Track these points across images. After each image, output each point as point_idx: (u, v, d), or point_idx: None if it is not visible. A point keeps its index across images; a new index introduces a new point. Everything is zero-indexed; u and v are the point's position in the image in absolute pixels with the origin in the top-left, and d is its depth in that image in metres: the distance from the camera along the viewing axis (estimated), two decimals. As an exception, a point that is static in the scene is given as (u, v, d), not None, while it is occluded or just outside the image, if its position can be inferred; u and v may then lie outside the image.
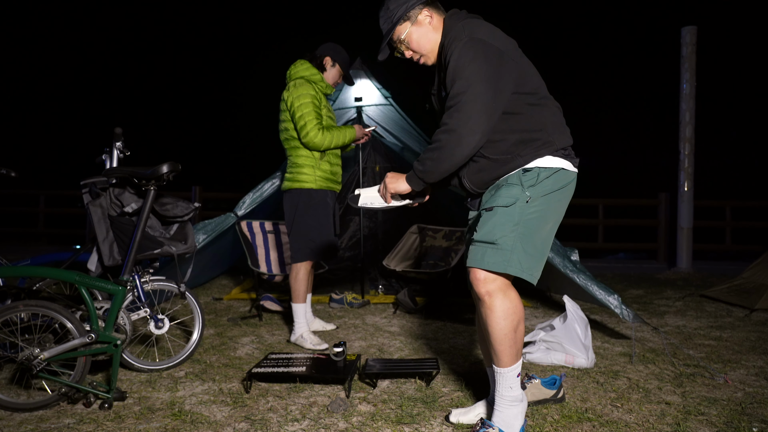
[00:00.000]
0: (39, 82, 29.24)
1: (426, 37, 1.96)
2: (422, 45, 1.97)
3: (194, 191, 8.77)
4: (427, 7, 1.96)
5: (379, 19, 1.99)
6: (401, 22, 1.95)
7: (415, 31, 1.96)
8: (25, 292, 2.80)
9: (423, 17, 1.95)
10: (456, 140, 1.78)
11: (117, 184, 2.62)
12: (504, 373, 1.88)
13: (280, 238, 4.64)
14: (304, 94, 3.16)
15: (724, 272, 6.56)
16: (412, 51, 2.00)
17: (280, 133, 3.36)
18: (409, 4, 1.94)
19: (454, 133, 1.78)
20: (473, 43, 1.79)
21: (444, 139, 1.80)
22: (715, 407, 2.28)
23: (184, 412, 2.22)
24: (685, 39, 6.93)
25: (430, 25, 1.96)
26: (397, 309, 4.27)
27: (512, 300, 1.83)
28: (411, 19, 1.95)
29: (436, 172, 1.87)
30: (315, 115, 3.16)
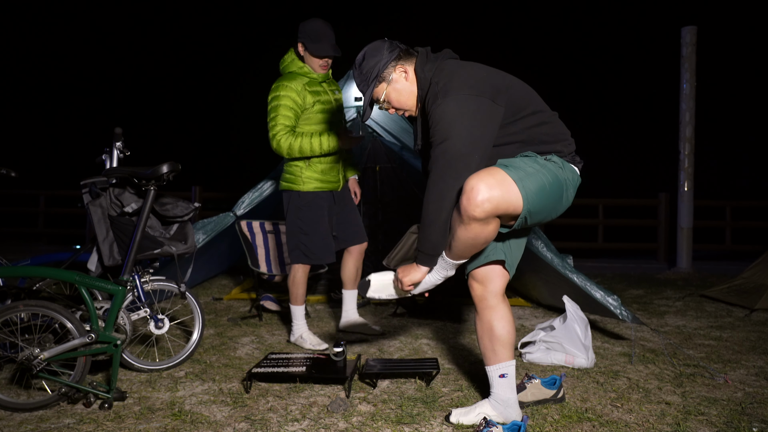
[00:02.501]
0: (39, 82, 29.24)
1: (405, 93, 1.97)
2: (403, 102, 1.98)
3: (194, 191, 8.77)
4: (400, 63, 1.95)
5: (355, 80, 2.00)
6: (377, 84, 1.96)
7: (392, 90, 1.97)
8: (25, 292, 2.80)
9: (397, 75, 1.95)
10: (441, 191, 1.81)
11: (117, 184, 2.63)
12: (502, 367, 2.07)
13: (280, 238, 4.64)
14: (282, 95, 3.04)
15: (724, 272, 6.56)
16: (395, 108, 2.02)
17: None
18: (380, 65, 1.92)
19: (435, 185, 1.81)
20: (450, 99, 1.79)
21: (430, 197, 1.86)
22: (715, 407, 2.28)
23: (184, 412, 2.22)
24: (685, 39, 6.93)
25: (407, 80, 1.96)
26: (397, 309, 4.27)
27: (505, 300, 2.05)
28: (386, 79, 1.95)
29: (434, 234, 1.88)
30: (285, 119, 3.04)
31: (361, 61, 1.97)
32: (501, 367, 2.03)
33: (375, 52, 1.94)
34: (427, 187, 1.84)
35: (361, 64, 1.96)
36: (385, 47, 1.95)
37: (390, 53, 1.93)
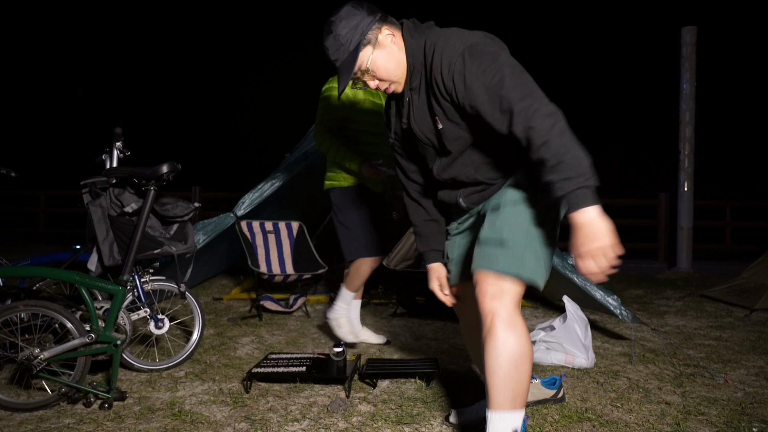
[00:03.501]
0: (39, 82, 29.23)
1: (394, 59, 1.64)
2: (391, 71, 1.65)
3: (194, 191, 8.77)
4: (386, 24, 1.64)
5: (329, 51, 1.63)
6: (361, 48, 1.60)
7: (379, 56, 1.63)
8: (25, 292, 2.80)
9: (384, 37, 1.63)
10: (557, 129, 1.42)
11: (117, 184, 2.63)
12: (494, 418, 1.55)
13: (280, 238, 4.64)
14: (330, 88, 3.02)
15: (724, 272, 6.56)
16: (379, 80, 1.66)
17: None
18: (363, 24, 1.60)
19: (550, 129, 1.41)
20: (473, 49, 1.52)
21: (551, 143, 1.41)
22: (715, 407, 2.28)
23: (184, 412, 2.22)
24: (685, 39, 6.94)
25: (394, 44, 1.64)
26: (397, 309, 4.27)
27: (521, 326, 1.56)
28: (371, 42, 1.61)
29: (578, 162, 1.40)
30: (328, 117, 3.02)
31: (336, 24, 1.60)
32: None
33: (353, 12, 1.61)
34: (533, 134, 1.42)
35: (337, 27, 1.60)
36: (364, 8, 1.62)
37: (373, 14, 1.62)
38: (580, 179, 1.37)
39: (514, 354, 1.53)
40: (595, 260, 1.36)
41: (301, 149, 4.79)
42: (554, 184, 1.39)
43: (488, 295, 1.57)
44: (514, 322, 1.55)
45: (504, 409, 1.54)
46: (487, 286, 1.58)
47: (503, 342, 1.53)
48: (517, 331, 1.54)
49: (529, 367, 1.56)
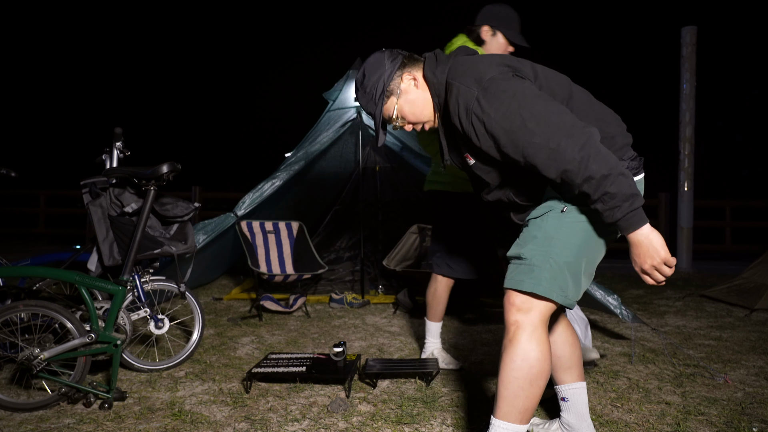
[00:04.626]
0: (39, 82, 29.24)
1: (419, 102, 1.68)
2: (418, 113, 1.70)
3: (194, 191, 8.77)
4: (407, 70, 1.68)
5: (361, 103, 1.73)
6: (385, 100, 1.68)
7: (404, 103, 1.68)
8: (25, 292, 2.80)
9: (406, 84, 1.67)
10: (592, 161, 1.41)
11: (117, 184, 2.63)
12: (497, 426, 1.53)
13: (280, 238, 4.64)
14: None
15: (724, 272, 6.56)
16: (411, 123, 1.72)
17: None
18: (384, 77, 1.66)
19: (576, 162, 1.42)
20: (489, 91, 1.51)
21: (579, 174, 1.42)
22: (715, 407, 2.28)
23: (184, 412, 2.22)
24: (685, 39, 6.94)
25: (417, 87, 1.68)
26: (397, 309, 4.27)
27: (542, 343, 1.52)
28: (394, 92, 1.67)
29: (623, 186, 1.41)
30: None
31: (362, 80, 1.70)
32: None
33: (375, 65, 1.68)
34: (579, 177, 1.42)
35: (363, 82, 1.70)
36: (385, 57, 1.69)
37: (392, 62, 1.68)
38: (626, 204, 1.40)
39: (533, 369, 1.50)
40: (653, 275, 1.46)
41: (302, 149, 4.80)
42: (603, 213, 1.44)
43: (514, 307, 1.56)
44: (539, 338, 1.53)
45: (509, 421, 1.52)
46: (513, 299, 1.57)
47: (524, 354, 1.51)
48: (540, 348, 1.52)
49: (543, 384, 1.53)
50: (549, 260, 1.53)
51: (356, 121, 4.93)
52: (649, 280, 1.48)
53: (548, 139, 1.44)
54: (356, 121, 4.93)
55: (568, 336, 1.87)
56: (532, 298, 1.54)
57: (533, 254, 1.55)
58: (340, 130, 4.84)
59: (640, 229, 1.42)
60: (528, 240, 1.58)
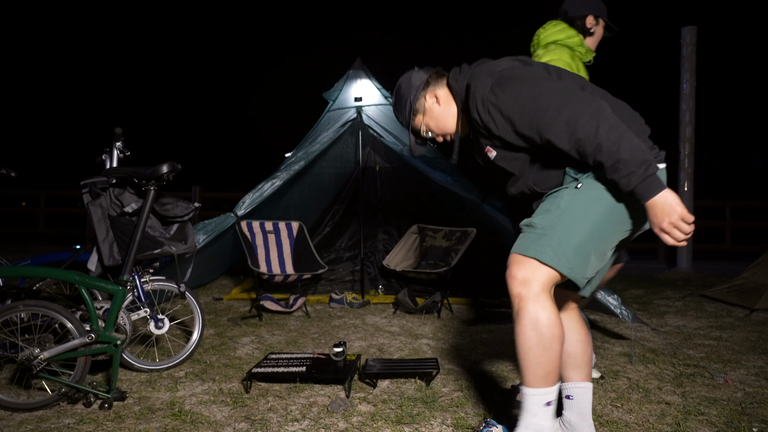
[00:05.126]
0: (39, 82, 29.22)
1: (442, 117, 1.86)
2: (442, 126, 1.87)
3: (194, 191, 8.77)
4: (429, 90, 1.86)
5: (398, 119, 1.93)
6: (413, 118, 1.88)
7: (430, 119, 1.87)
8: (25, 292, 2.80)
9: (430, 103, 1.86)
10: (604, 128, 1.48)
11: (117, 184, 2.63)
12: (528, 393, 1.61)
13: (280, 238, 4.65)
14: (557, 60, 2.55)
15: (724, 272, 6.56)
16: (440, 135, 1.90)
17: None
18: (411, 98, 1.85)
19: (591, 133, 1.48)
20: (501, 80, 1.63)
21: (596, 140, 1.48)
22: (715, 407, 2.28)
23: (184, 412, 2.22)
24: (685, 39, 6.94)
25: (440, 104, 1.85)
26: (397, 309, 4.27)
27: (548, 309, 1.57)
28: (420, 110, 1.86)
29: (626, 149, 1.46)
30: None
31: (395, 101, 1.91)
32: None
33: (404, 86, 1.87)
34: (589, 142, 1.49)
35: (396, 102, 1.90)
36: (413, 77, 1.87)
37: (418, 83, 1.85)
38: (641, 171, 1.45)
39: (544, 336, 1.56)
40: (672, 234, 1.47)
41: (302, 149, 4.80)
42: (619, 182, 1.48)
43: (516, 279, 1.61)
44: (543, 305, 1.57)
45: (536, 386, 1.60)
46: (516, 270, 1.61)
47: (532, 324, 1.57)
48: (547, 314, 1.57)
49: (558, 346, 1.59)
50: (557, 230, 1.58)
51: (356, 121, 4.93)
52: (669, 240, 1.48)
53: (559, 111, 1.52)
54: (356, 121, 4.93)
55: (582, 335, 1.88)
56: (534, 268, 1.58)
57: (543, 223, 1.61)
58: (340, 130, 4.84)
59: (661, 194, 1.45)
60: (541, 212, 1.64)
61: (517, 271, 1.61)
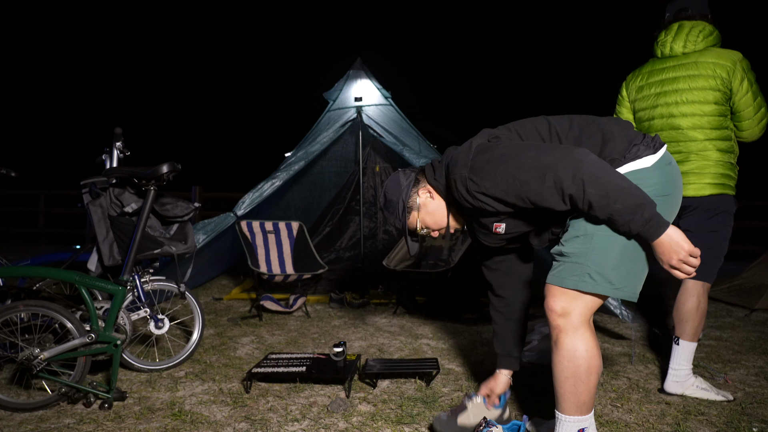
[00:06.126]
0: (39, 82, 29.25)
1: (438, 212, 1.88)
2: (439, 221, 1.88)
3: (194, 191, 8.76)
4: (421, 186, 1.88)
5: (389, 220, 1.93)
6: (408, 217, 1.88)
7: (425, 215, 1.88)
8: (25, 292, 2.80)
9: (423, 198, 1.87)
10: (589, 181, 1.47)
11: (117, 184, 2.63)
12: (562, 419, 1.63)
13: (280, 238, 4.65)
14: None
15: (724, 272, 6.55)
16: (436, 230, 1.91)
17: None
18: (403, 196, 1.86)
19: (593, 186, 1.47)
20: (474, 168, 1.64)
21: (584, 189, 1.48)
22: (715, 407, 2.28)
23: (184, 412, 2.22)
24: (685, 39, 6.92)
25: (434, 198, 1.88)
26: (397, 309, 4.27)
27: (586, 341, 1.58)
28: (414, 207, 1.87)
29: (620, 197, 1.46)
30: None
31: (384, 202, 1.92)
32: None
33: (394, 187, 1.89)
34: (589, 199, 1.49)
35: (385, 204, 1.91)
36: (400, 177, 1.89)
37: (407, 181, 1.87)
38: (638, 216, 1.46)
39: (580, 368, 1.58)
40: (682, 269, 1.49)
41: (302, 149, 4.80)
42: (622, 229, 1.51)
43: (555, 312, 1.61)
44: (582, 336, 1.59)
45: (571, 414, 1.61)
46: (553, 302, 1.62)
47: (570, 356, 1.58)
48: (586, 346, 1.58)
49: (595, 378, 1.59)
50: (592, 255, 1.56)
51: (356, 121, 4.93)
52: (680, 275, 1.50)
53: (541, 180, 1.53)
54: (356, 121, 4.94)
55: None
56: (572, 299, 1.59)
57: (575, 251, 1.59)
58: (340, 130, 4.85)
59: (666, 233, 1.47)
60: (569, 238, 1.62)
61: (555, 303, 1.61)
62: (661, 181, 1.59)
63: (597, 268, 1.56)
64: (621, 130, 1.67)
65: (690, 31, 2.54)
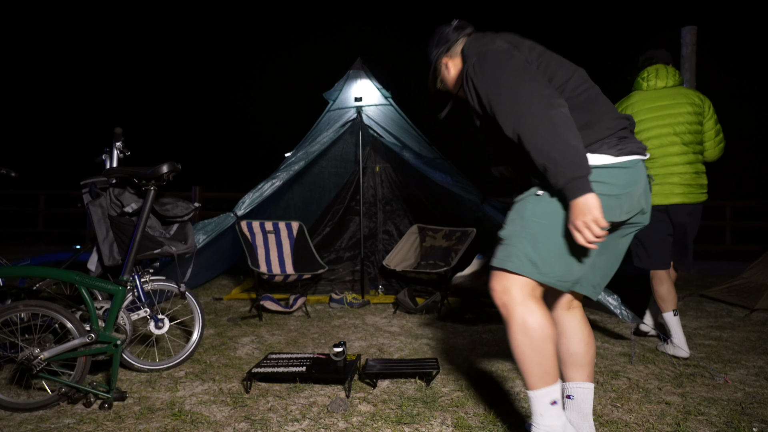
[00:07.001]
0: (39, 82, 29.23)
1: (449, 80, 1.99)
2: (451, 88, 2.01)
3: (194, 191, 8.77)
4: (444, 56, 1.99)
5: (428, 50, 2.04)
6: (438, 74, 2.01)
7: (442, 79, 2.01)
8: (25, 292, 2.80)
9: (443, 69, 1.99)
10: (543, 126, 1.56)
11: (117, 184, 2.63)
12: (532, 396, 1.67)
13: (280, 238, 4.64)
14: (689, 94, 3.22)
15: (724, 272, 6.56)
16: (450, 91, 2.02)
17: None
18: (432, 56, 2.00)
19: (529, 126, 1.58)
20: (481, 58, 1.73)
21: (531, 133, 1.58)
22: (715, 407, 2.28)
23: (184, 412, 2.22)
24: (685, 39, 6.93)
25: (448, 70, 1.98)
26: (397, 309, 4.27)
27: (533, 312, 1.63)
28: (438, 69, 2.00)
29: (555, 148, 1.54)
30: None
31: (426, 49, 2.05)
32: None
33: (430, 42, 2.02)
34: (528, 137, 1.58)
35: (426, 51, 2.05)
36: (434, 43, 2.00)
37: (437, 48, 1.98)
38: (569, 171, 1.52)
39: (534, 338, 1.62)
40: (582, 232, 1.54)
41: (302, 149, 4.80)
42: (550, 180, 1.56)
43: (496, 291, 1.69)
44: (528, 308, 1.63)
45: (538, 387, 1.65)
46: (494, 282, 1.70)
47: (521, 329, 1.63)
48: (534, 317, 1.63)
49: (551, 345, 1.63)
50: (523, 239, 1.65)
51: (356, 121, 4.93)
52: (579, 238, 1.55)
53: (513, 104, 1.61)
54: (356, 121, 4.93)
55: (584, 335, 1.89)
56: (508, 278, 1.67)
57: (509, 234, 1.70)
58: (340, 130, 4.85)
59: (583, 196, 1.53)
60: (508, 222, 1.73)
61: (495, 283, 1.69)
62: (608, 181, 1.63)
63: (525, 251, 1.64)
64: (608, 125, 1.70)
65: (667, 72, 3.26)
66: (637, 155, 1.68)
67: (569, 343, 1.87)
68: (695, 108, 3.12)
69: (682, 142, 3.12)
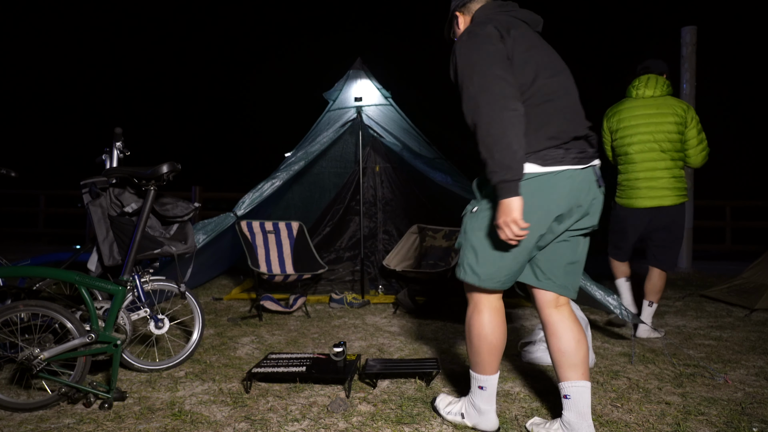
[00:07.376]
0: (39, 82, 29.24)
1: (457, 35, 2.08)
2: None
3: (194, 191, 8.77)
4: (459, 11, 2.08)
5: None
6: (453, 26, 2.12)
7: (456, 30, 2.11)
8: (25, 292, 2.80)
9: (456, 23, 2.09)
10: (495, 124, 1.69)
11: (117, 184, 2.63)
12: (471, 374, 2.06)
13: (280, 238, 4.64)
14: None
15: (724, 272, 6.55)
16: None
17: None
18: (451, 6, 2.10)
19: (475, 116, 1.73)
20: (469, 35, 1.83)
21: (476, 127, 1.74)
22: (715, 407, 2.28)
23: (184, 412, 2.22)
24: (685, 39, 6.94)
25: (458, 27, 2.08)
26: (397, 309, 4.27)
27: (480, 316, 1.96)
28: (455, 21, 2.09)
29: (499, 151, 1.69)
30: None
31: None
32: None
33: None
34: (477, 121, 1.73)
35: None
36: None
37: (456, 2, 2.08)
38: (502, 173, 1.68)
39: (471, 335, 1.99)
40: (504, 230, 1.73)
41: (302, 149, 4.80)
42: (486, 173, 1.72)
43: (467, 295, 2.03)
44: (480, 313, 1.97)
45: (474, 371, 2.03)
46: (465, 288, 2.02)
47: (468, 323, 2.00)
48: (479, 320, 1.96)
49: (483, 344, 1.96)
50: (466, 249, 1.92)
51: (356, 121, 4.93)
52: (501, 234, 1.75)
53: (480, 92, 1.71)
54: (356, 121, 4.93)
55: (575, 333, 1.90)
56: (467, 286, 1.98)
57: (459, 245, 1.97)
58: (340, 130, 4.84)
59: (508, 198, 1.69)
60: (459, 233, 1.99)
61: (465, 289, 2.02)
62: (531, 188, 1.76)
63: (468, 261, 1.91)
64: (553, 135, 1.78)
65: (656, 82, 3.49)
66: (572, 165, 1.78)
67: (559, 342, 1.90)
68: (678, 118, 3.36)
69: (661, 149, 3.39)
